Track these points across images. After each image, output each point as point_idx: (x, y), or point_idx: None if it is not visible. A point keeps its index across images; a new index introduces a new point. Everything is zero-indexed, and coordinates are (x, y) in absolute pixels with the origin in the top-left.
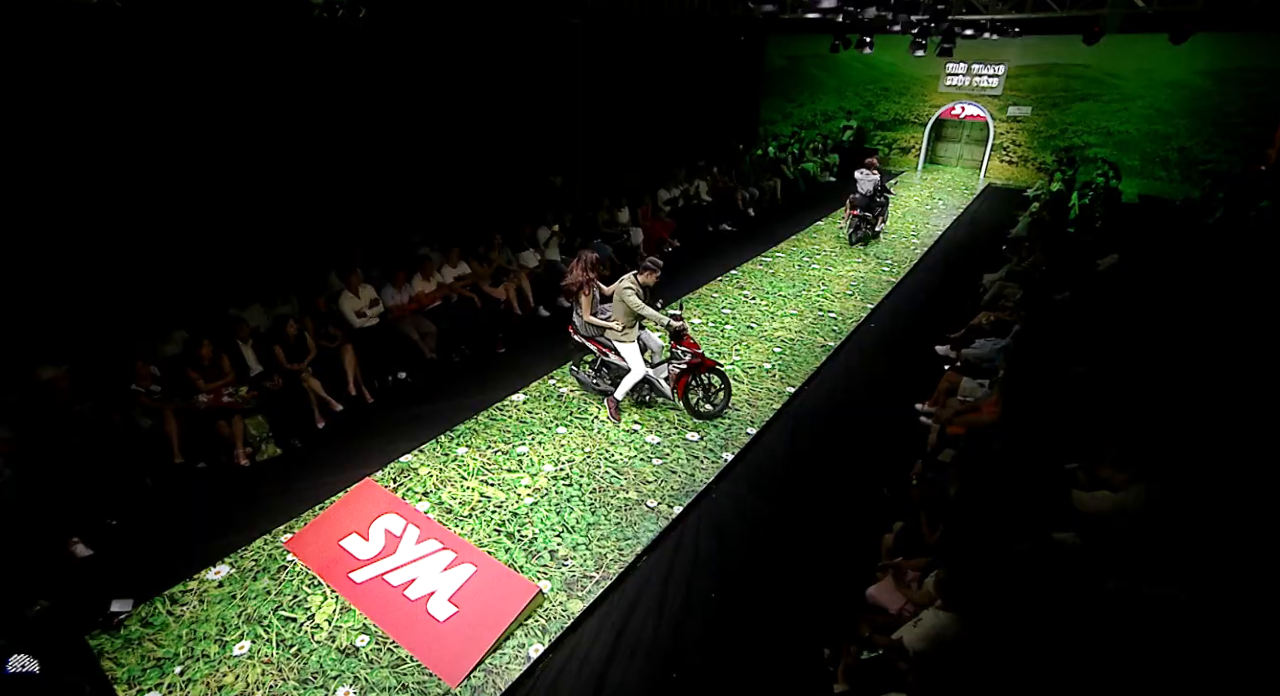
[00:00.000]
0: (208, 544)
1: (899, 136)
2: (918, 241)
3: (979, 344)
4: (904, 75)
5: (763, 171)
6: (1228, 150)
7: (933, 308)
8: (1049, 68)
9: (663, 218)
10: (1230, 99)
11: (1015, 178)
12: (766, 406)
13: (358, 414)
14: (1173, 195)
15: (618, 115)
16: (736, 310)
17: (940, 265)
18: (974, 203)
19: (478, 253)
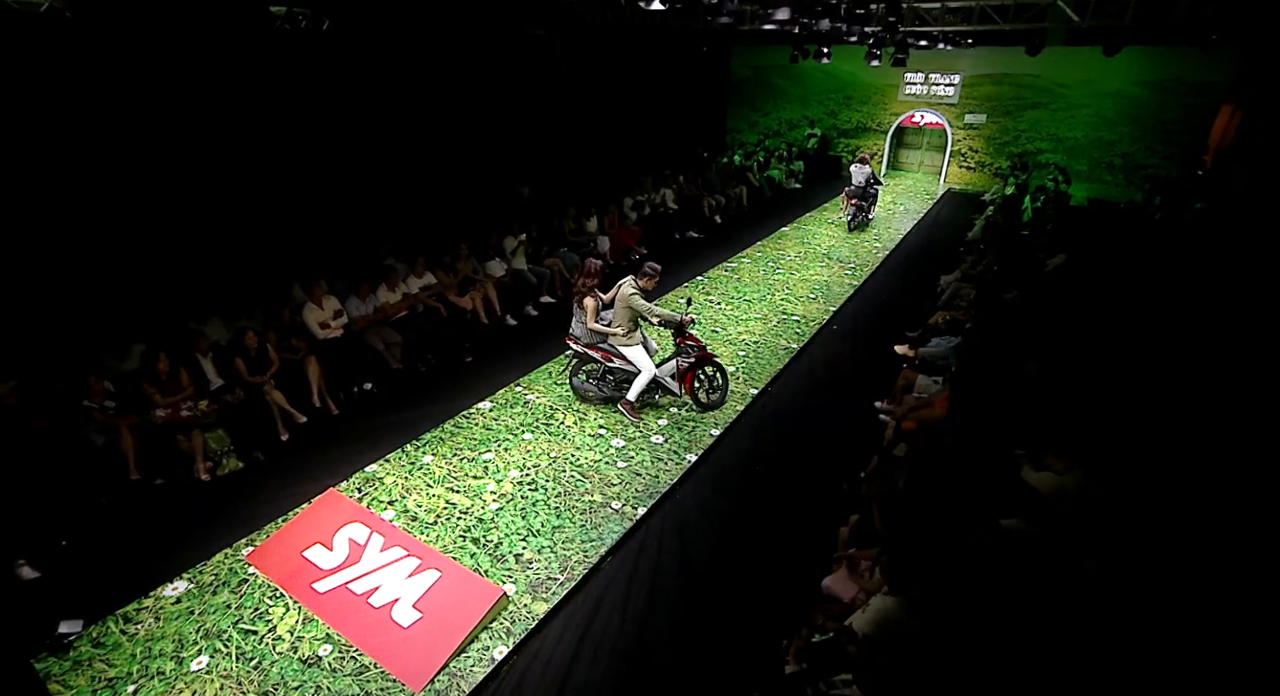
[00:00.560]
0: (165, 560)
1: (862, 144)
2: (879, 245)
3: (934, 343)
4: (865, 84)
5: (729, 179)
6: (1166, 156)
7: (893, 309)
8: (1001, 77)
9: (629, 226)
10: (1167, 108)
11: (973, 182)
12: (730, 408)
13: (322, 425)
14: (1118, 198)
15: (585, 126)
16: (702, 315)
17: (901, 268)
18: (934, 207)
19: (444, 263)
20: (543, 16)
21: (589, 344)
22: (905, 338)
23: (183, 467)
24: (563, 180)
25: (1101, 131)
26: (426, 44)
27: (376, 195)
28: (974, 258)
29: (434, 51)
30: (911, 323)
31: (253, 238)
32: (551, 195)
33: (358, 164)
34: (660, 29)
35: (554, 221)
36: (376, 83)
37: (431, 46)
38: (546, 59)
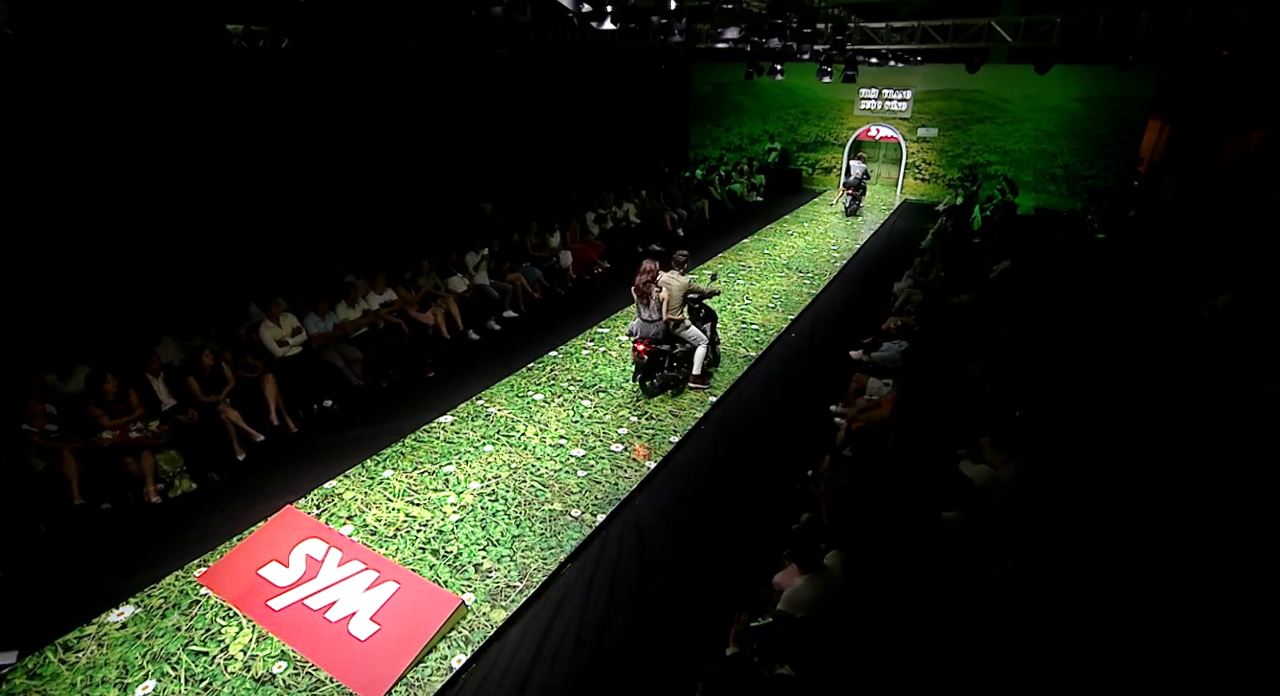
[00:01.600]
0: (110, 585)
1: (820, 157)
2: (838, 255)
3: (886, 347)
4: (822, 100)
5: (691, 193)
6: (1103, 168)
7: (850, 316)
8: (950, 93)
9: (592, 240)
10: (1101, 122)
11: (928, 193)
12: (689, 415)
13: (281, 443)
14: (1063, 207)
15: (547, 142)
16: None
17: (858, 276)
18: (891, 217)
19: (405, 279)
20: (504, 36)
21: (657, 337)
22: (860, 343)
23: (132, 491)
24: (525, 195)
25: (1044, 144)
26: (388, 62)
27: (336, 212)
28: (920, 261)
29: (395, 70)
30: (867, 329)
31: (208, 256)
32: (514, 210)
33: (317, 181)
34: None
35: (516, 236)
36: (337, 100)
37: (393, 65)
38: (508, 77)
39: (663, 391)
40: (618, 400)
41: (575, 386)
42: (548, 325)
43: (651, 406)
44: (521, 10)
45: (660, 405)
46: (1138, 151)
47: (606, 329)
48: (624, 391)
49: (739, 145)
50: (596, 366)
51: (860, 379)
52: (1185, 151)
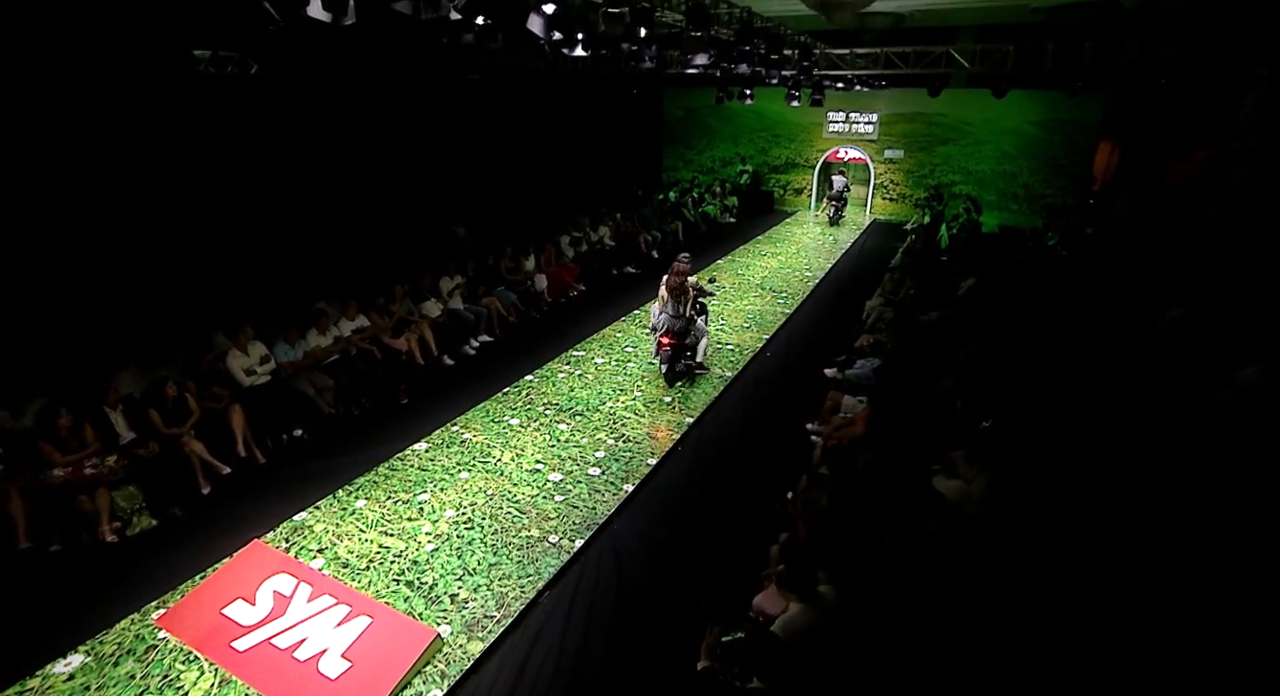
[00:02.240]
0: (57, 633)
1: (791, 179)
2: (810, 274)
3: (859, 365)
4: (792, 123)
5: (665, 216)
6: (1060, 187)
7: (823, 335)
8: (914, 116)
9: (567, 263)
10: (1056, 144)
11: (896, 213)
12: (667, 437)
13: (248, 476)
14: (1023, 225)
15: (521, 166)
16: (639, 348)
17: (831, 296)
18: (861, 237)
19: (377, 304)
20: (476, 62)
21: (681, 331)
22: (834, 361)
23: (86, 530)
24: (499, 219)
25: (1005, 165)
26: (359, 88)
27: (307, 237)
28: (890, 278)
29: (367, 95)
30: (841, 347)
31: (172, 284)
32: (488, 234)
33: (287, 206)
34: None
35: (490, 260)
36: (307, 126)
37: (364, 90)
38: (481, 102)
39: (680, 380)
40: (594, 423)
41: (551, 410)
42: (523, 349)
43: (628, 429)
44: (493, 37)
45: (637, 426)
46: (1091, 171)
47: (582, 352)
48: (600, 414)
49: (711, 168)
50: (573, 390)
51: (835, 397)
52: (1133, 173)
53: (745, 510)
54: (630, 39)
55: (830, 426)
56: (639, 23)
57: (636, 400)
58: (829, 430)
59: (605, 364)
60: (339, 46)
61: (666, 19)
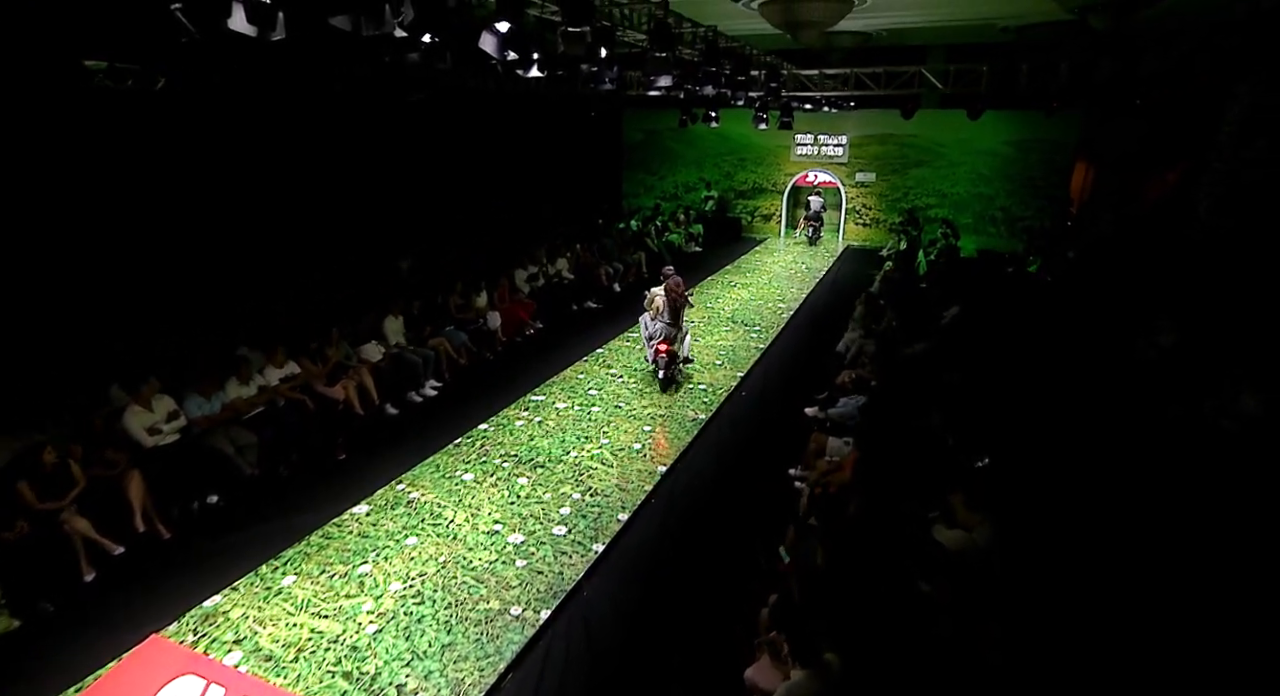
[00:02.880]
0: None
1: (759, 204)
2: (784, 305)
3: (843, 403)
4: (758, 146)
5: (626, 245)
6: (1039, 208)
7: (801, 370)
8: (885, 137)
9: (522, 299)
10: (1032, 164)
11: (870, 239)
12: (638, 489)
13: (147, 555)
14: (1002, 248)
15: (470, 194)
16: (603, 390)
17: (807, 328)
18: (835, 265)
19: (310, 349)
20: (419, 83)
21: (673, 339)
22: (815, 399)
23: None
24: (447, 252)
25: (981, 187)
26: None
27: (227, 273)
28: (862, 308)
29: (295, 115)
30: (821, 384)
31: (56, 331)
32: (435, 268)
33: (201, 238)
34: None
35: (438, 297)
36: (225, 148)
37: (293, 109)
38: (426, 125)
39: (672, 386)
40: (558, 476)
41: (510, 463)
42: (476, 395)
43: (595, 480)
44: (441, 57)
45: (605, 479)
46: (1068, 192)
47: (541, 396)
48: (564, 465)
49: (674, 193)
50: (533, 438)
51: (819, 439)
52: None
53: (728, 567)
54: (590, 60)
55: (816, 472)
56: (600, 43)
57: (603, 448)
58: (815, 476)
59: (568, 409)
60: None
61: (627, 38)
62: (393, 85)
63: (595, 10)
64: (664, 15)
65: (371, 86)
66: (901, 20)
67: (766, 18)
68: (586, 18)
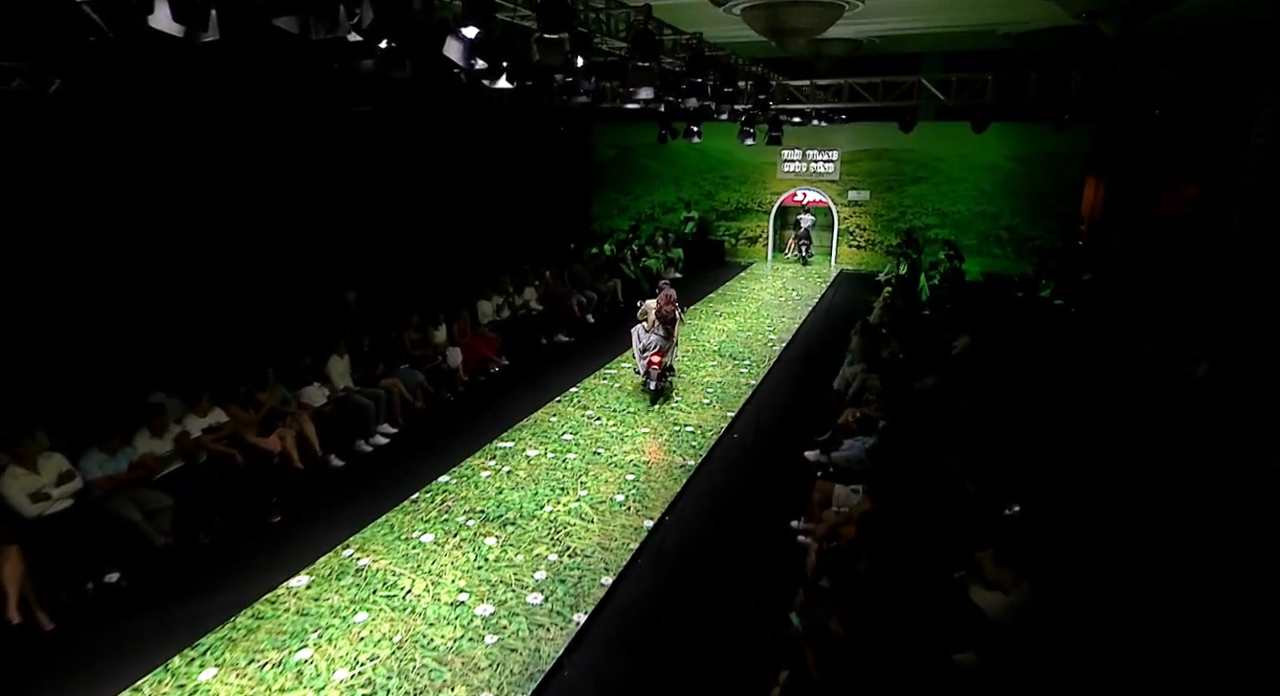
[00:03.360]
0: None
1: (744, 226)
2: (775, 337)
3: (847, 445)
4: (741, 162)
5: (600, 272)
6: (1048, 227)
7: (798, 409)
8: (880, 152)
9: (485, 333)
10: (1039, 180)
11: (866, 262)
12: (622, 547)
13: (25, 650)
14: (1011, 271)
15: (426, 217)
16: (580, 434)
17: (801, 360)
18: (829, 291)
19: (240, 394)
20: (367, 91)
21: (664, 351)
22: (815, 442)
23: None
24: (401, 281)
25: (984, 205)
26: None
27: (134, 307)
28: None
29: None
30: (820, 423)
31: None
32: (387, 299)
33: (108, 264)
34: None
35: (391, 332)
36: (137, 159)
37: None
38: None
39: (660, 398)
40: (531, 534)
41: (476, 520)
42: (435, 442)
43: (574, 538)
44: (400, 64)
45: (585, 536)
46: (1079, 209)
47: (510, 443)
48: (538, 522)
49: (650, 215)
50: (501, 492)
51: (824, 487)
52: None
53: (729, 637)
54: (566, 70)
55: (823, 525)
56: (578, 51)
57: (582, 501)
58: (822, 530)
59: (540, 457)
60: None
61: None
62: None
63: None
64: (646, 21)
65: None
66: (895, 27)
67: (750, 24)
68: (565, 23)
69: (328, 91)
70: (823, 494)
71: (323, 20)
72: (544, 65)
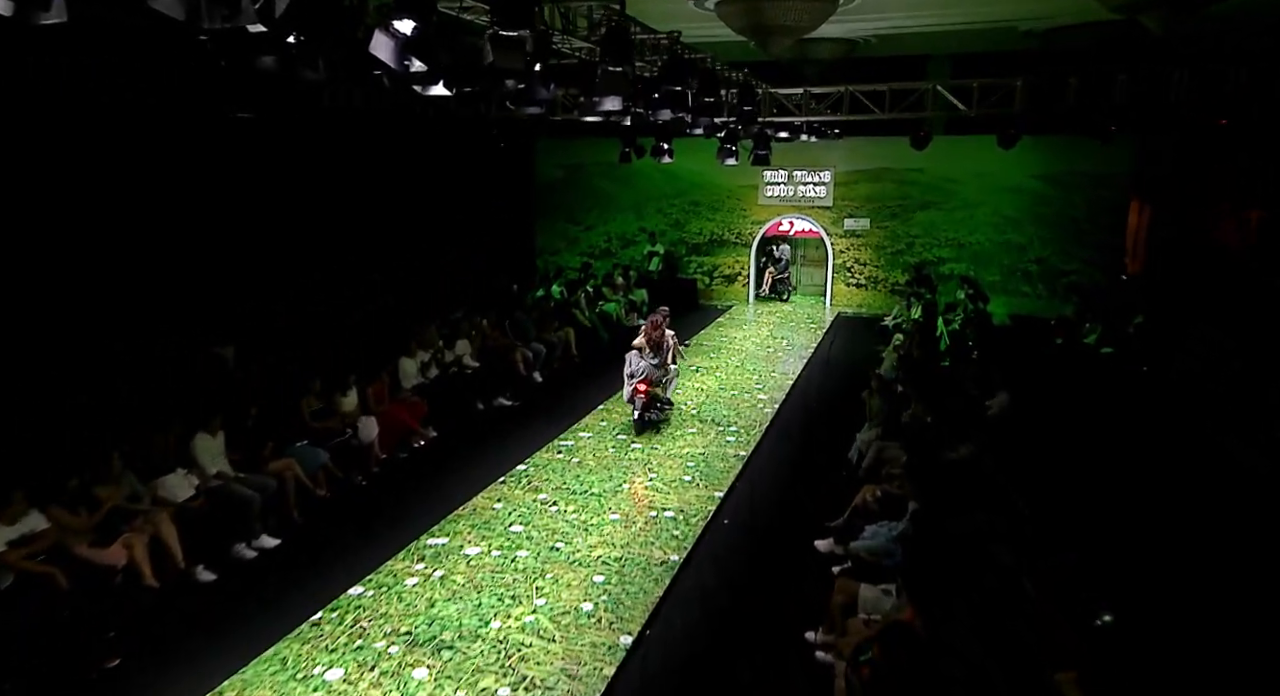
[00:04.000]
0: None
1: (720, 261)
2: (765, 396)
3: (869, 532)
4: (715, 186)
5: (548, 320)
6: (1086, 259)
7: (801, 485)
8: (880, 173)
9: (408, 398)
10: (1073, 204)
11: (868, 304)
12: (594, 673)
13: None
14: (1044, 313)
15: (333, 253)
16: (532, 525)
17: (799, 425)
18: (826, 338)
19: (68, 488)
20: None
21: (656, 380)
22: (827, 528)
23: None
24: (296, 334)
25: (1008, 234)
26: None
27: None
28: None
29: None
30: (832, 506)
31: None
32: (278, 356)
33: None
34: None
35: (285, 399)
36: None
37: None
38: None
39: (649, 429)
40: (474, 659)
41: (400, 645)
42: (343, 542)
43: (531, 665)
44: (311, 64)
45: (545, 661)
46: (1122, 238)
47: (443, 539)
48: (483, 641)
49: (606, 249)
50: (433, 605)
51: (846, 587)
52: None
53: None
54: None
55: (849, 637)
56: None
57: (539, 613)
58: (849, 645)
59: (482, 556)
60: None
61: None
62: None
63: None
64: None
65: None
66: (896, 24)
67: (727, 22)
68: (526, 19)
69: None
70: (845, 596)
71: (219, 7)
72: (499, 68)
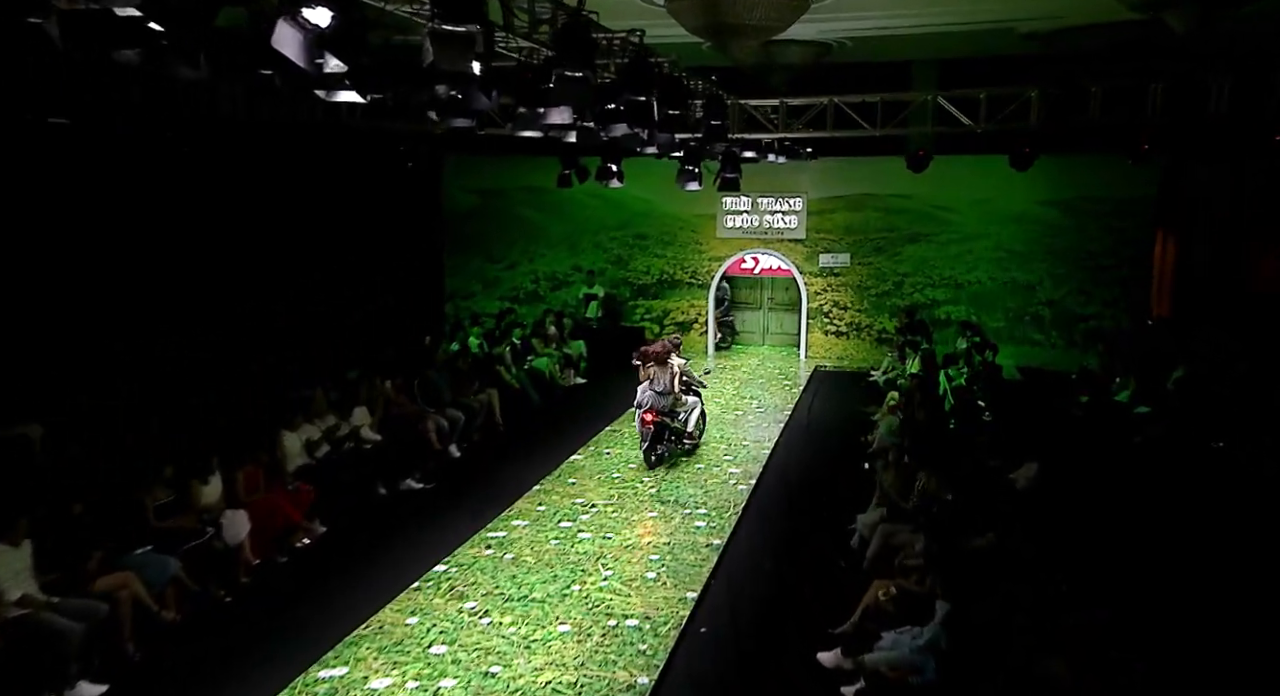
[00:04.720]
0: None
1: (673, 305)
2: (737, 470)
3: (888, 641)
4: (665, 215)
5: (465, 380)
6: (1107, 301)
7: (792, 582)
8: (861, 199)
9: (290, 484)
10: (1090, 236)
11: (850, 355)
12: None
13: None
14: (1059, 364)
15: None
16: (458, 644)
17: (781, 506)
18: (804, 397)
19: None
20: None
21: (664, 410)
22: (831, 635)
23: None
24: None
25: (1013, 271)
26: None
27: None
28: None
29: None
30: (831, 605)
31: None
32: (109, 436)
33: None
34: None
35: (121, 493)
36: None
37: None
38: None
39: (661, 464)
40: None
41: None
42: (197, 686)
43: None
44: (190, 61)
45: None
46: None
47: (339, 668)
48: None
49: (533, 291)
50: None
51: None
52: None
53: None
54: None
55: None
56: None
57: None
58: None
59: (394, 690)
60: None
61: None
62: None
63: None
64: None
65: None
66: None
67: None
68: (474, 13)
69: None
70: None
71: None
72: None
